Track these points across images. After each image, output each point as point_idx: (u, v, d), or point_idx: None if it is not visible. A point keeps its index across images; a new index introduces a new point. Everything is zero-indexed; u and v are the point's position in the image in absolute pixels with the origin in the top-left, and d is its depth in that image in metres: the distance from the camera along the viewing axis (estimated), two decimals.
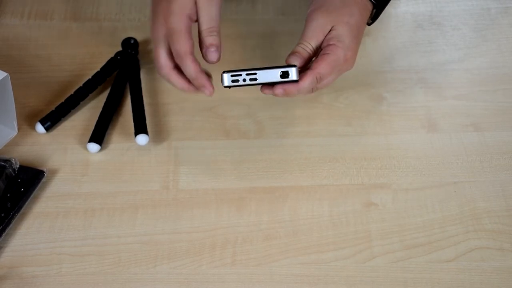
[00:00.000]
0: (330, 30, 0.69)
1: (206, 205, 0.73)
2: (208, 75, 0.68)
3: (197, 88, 0.68)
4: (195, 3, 0.66)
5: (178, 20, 0.66)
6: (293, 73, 0.66)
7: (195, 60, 0.66)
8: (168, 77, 0.68)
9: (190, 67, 0.66)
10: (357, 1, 0.71)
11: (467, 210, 0.73)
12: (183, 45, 0.66)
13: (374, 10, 0.73)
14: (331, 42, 0.68)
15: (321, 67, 0.67)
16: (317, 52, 0.70)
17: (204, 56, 0.67)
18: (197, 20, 0.67)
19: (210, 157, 0.78)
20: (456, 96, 0.84)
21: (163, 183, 0.75)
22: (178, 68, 0.68)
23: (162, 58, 0.68)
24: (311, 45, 0.69)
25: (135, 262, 0.68)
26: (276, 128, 0.81)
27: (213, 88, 0.68)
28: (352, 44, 0.69)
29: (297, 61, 0.68)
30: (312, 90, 0.68)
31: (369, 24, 0.74)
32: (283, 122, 0.81)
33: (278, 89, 0.67)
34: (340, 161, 0.77)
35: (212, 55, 0.67)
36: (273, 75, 0.66)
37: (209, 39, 0.67)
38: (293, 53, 0.69)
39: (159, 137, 0.80)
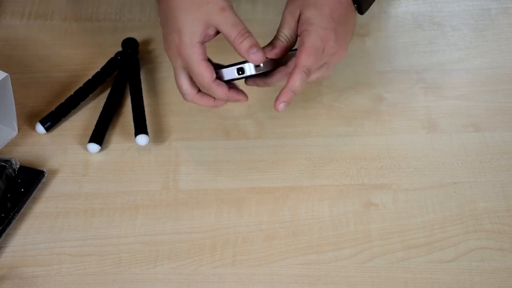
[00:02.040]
0: (299, 16, 0.67)
1: (206, 205, 0.73)
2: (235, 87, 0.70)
3: (233, 102, 0.70)
4: (208, 22, 0.65)
5: (192, 52, 0.65)
6: (249, 69, 0.67)
7: (220, 83, 0.67)
8: (195, 102, 0.70)
9: (219, 93, 0.67)
10: None
11: (467, 210, 0.73)
12: (204, 76, 0.66)
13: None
14: (302, 28, 0.67)
15: (303, 59, 0.66)
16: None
17: (250, 61, 0.67)
18: (219, 32, 0.66)
19: (210, 157, 0.78)
20: (456, 96, 0.84)
21: (163, 183, 0.75)
22: (201, 91, 0.69)
23: (185, 86, 0.68)
24: (285, 34, 0.68)
25: (135, 262, 0.68)
26: (276, 128, 0.81)
27: (246, 95, 0.70)
28: (326, 24, 0.66)
29: (272, 53, 0.67)
30: (309, 83, 0.68)
31: (361, 13, 0.72)
32: (283, 122, 0.81)
33: (280, 105, 0.67)
34: (340, 161, 0.77)
35: (256, 56, 0.66)
36: (232, 73, 0.67)
37: (245, 44, 0.65)
38: (267, 45, 0.68)
39: (159, 137, 0.80)
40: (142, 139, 0.77)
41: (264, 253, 0.69)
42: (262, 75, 0.69)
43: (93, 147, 0.77)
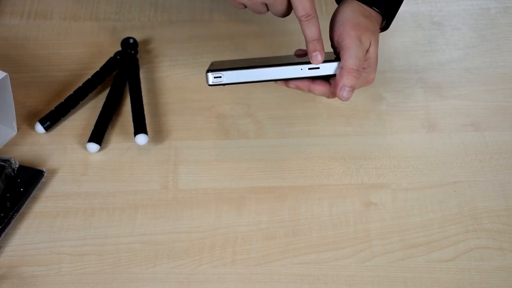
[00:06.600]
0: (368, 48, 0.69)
1: (206, 205, 0.73)
2: None
3: (311, 51, 0.67)
4: None
5: None
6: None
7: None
8: (315, 21, 0.67)
9: (317, 27, 0.66)
10: (373, 16, 0.71)
11: (466, 209, 0.73)
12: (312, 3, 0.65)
13: (384, 22, 0.73)
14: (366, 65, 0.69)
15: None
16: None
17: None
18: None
19: (210, 157, 0.78)
20: (456, 96, 0.84)
21: (163, 183, 0.75)
22: None
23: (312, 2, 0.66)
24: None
25: (135, 262, 0.68)
26: (276, 128, 0.81)
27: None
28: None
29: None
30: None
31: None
32: (283, 122, 0.81)
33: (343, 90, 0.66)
34: (340, 161, 0.77)
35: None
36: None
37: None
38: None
39: (158, 137, 0.80)
40: (141, 138, 0.77)
41: (264, 252, 0.69)
42: (310, 79, 0.69)
43: (93, 146, 0.77)
